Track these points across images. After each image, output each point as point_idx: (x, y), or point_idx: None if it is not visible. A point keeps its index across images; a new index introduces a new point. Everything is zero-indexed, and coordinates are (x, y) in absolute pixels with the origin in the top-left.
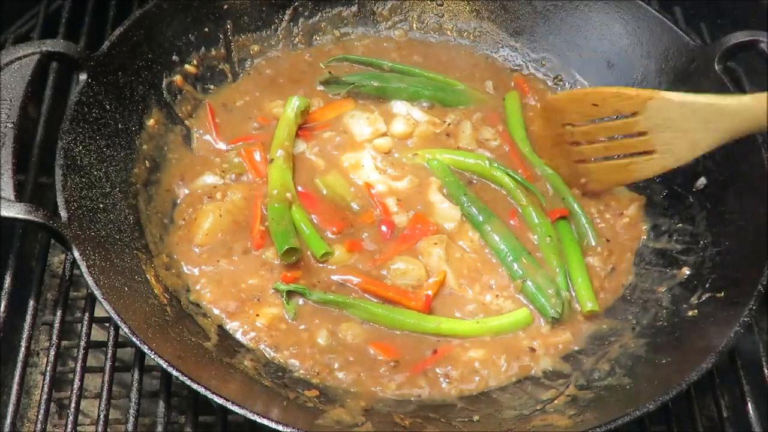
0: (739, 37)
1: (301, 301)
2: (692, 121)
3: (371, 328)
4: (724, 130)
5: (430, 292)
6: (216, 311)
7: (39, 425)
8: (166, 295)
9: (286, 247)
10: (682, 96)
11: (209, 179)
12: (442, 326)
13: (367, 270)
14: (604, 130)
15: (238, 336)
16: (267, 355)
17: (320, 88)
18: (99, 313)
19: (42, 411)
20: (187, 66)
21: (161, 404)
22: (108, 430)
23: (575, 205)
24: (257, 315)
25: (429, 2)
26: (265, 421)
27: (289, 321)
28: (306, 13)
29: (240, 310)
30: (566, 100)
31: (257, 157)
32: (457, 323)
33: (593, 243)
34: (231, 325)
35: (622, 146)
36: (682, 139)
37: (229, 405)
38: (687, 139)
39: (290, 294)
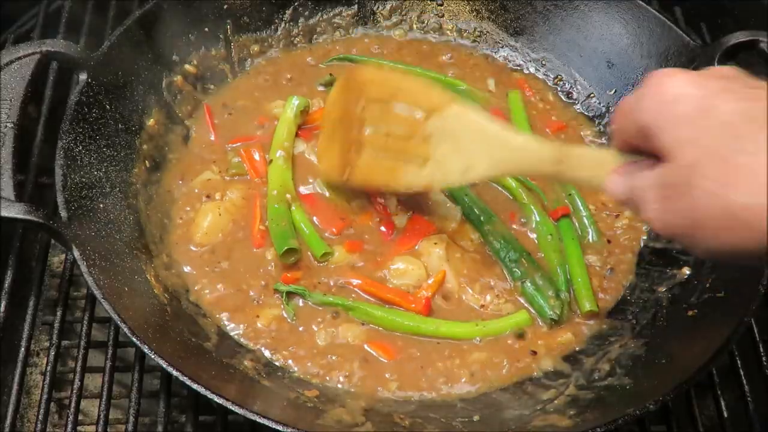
0: (739, 37)
1: (301, 302)
2: (476, 144)
3: (371, 328)
4: (501, 162)
5: (428, 293)
6: (215, 312)
7: (39, 425)
8: (166, 295)
9: (286, 247)
10: (479, 115)
11: (208, 179)
12: (441, 329)
13: (367, 271)
14: (394, 120)
15: (238, 337)
16: (267, 356)
17: (321, 88)
18: (99, 313)
19: (42, 411)
20: (187, 66)
21: (161, 404)
22: (108, 430)
23: (579, 202)
24: (257, 316)
25: (429, 2)
26: (265, 421)
27: (289, 321)
28: (306, 13)
29: (240, 311)
30: (374, 74)
31: (256, 156)
32: (455, 326)
33: (594, 240)
34: (230, 326)
35: (403, 145)
36: (459, 159)
37: (229, 405)
38: (464, 159)
39: (290, 295)
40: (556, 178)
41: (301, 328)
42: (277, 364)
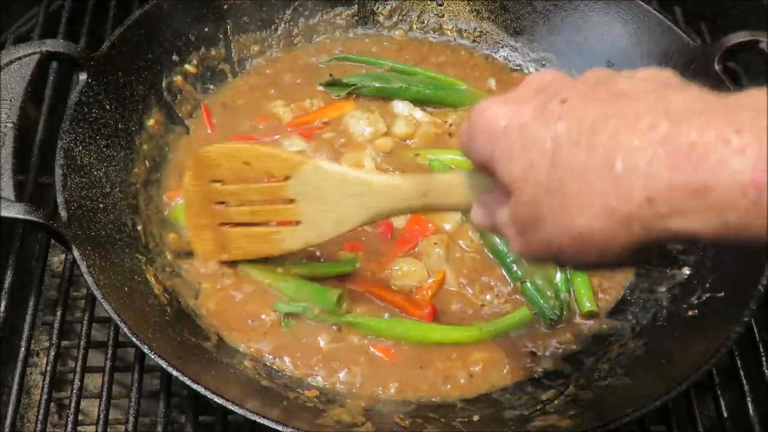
0: (739, 37)
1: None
2: (340, 194)
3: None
4: (369, 207)
5: (428, 293)
6: (215, 321)
7: (39, 425)
8: (166, 295)
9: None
10: (334, 166)
11: None
12: (446, 337)
13: (370, 271)
14: (253, 192)
15: (238, 345)
16: (267, 357)
17: (320, 88)
18: (99, 313)
19: (42, 411)
20: (187, 66)
21: (161, 404)
22: (108, 430)
23: None
24: (258, 322)
25: (429, 2)
26: (265, 421)
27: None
28: (306, 13)
29: (240, 315)
30: (218, 154)
31: None
32: (460, 332)
33: None
34: (230, 333)
35: (269, 212)
36: (329, 213)
37: (229, 405)
38: (334, 212)
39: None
40: (427, 210)
41: (303, 332)
42: (277, 364)
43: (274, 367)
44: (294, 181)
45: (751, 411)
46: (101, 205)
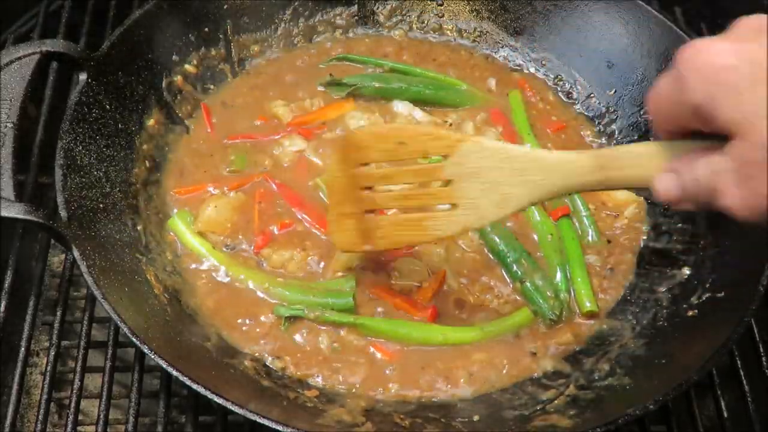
0: None
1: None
2: (504, 173)
3: None
4: (537, 184)
5: (429, 293)
6: (215, 321)
7: (39, 425)
8: (166, 295)
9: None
10: (498, 143)
11: (208, 184)
12: (449, 338)
13: (371, 269)
14: (406, 174)
15: (237, 344)
16: (267, 357)
17: (320, 88)
18: (99, 313)
19: (42, 411)
20: (187, 66)
21: (161, 404)
22: (108, 430)
23: (579, 202)
24: (258, 323)
25: (429, 2)
26: (265, 421)
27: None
28: (306, 13)
29: (240, 315)
30: (370, 135)
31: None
32: (462, 333)
33: (594, 240)
34: (230, 333)
35: (423, 196)
36: (490, 193)
37: (229, 405)
38: (496, 192)
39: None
40: (602, 186)
41: (303, 332)
42: (277, 364)
43: (274, 367)
44: (452, 160)
45: (751, 411)
46: (101, 205)
